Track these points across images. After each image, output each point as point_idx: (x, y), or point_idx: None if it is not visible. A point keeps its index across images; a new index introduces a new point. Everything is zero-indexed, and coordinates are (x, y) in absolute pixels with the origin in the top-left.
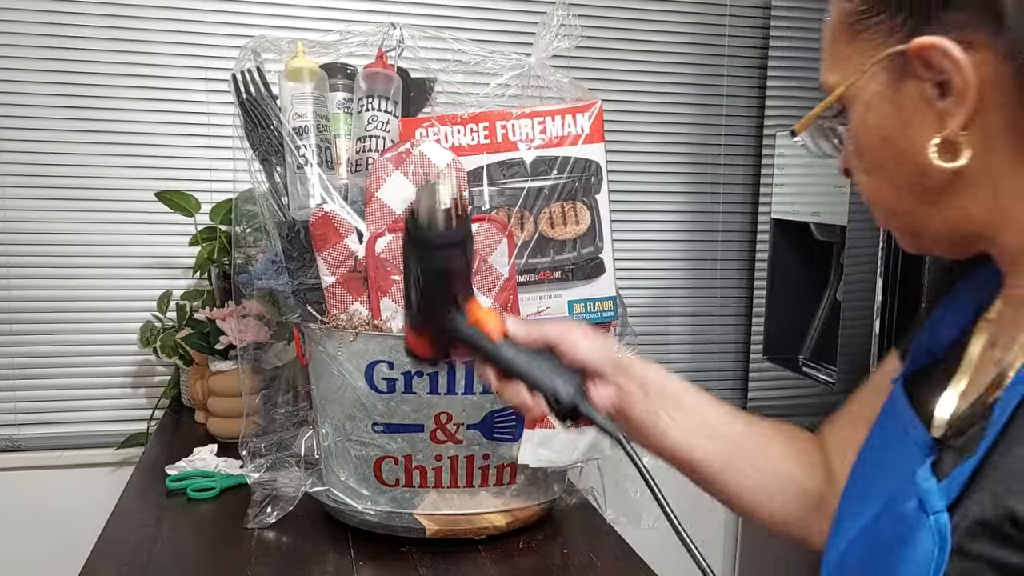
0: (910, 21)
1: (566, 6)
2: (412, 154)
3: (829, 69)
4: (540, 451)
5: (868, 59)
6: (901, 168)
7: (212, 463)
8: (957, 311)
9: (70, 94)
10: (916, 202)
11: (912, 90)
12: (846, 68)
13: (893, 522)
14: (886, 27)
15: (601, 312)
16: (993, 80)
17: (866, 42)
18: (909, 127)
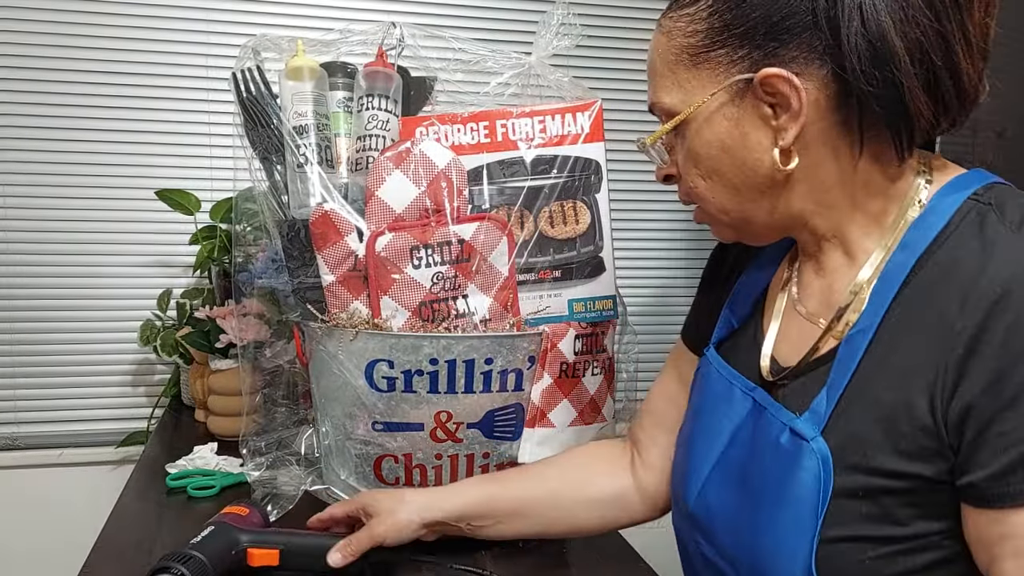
0: (752, 54)
1: (566, 5)
2: (412, 153)
3: (664, 92)
4: (540, 450)
5: (711, 84)
6: (738, 172)
7: (212, 461)
8: (745, 292)
9: (70, 92)
10: (749, 199)
11: (750, 110)
12: (685, 91)
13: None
14: (727, 59)
15: (601, 311)
16: (816, 102)
17: (707, 71)
18: (747, 139)
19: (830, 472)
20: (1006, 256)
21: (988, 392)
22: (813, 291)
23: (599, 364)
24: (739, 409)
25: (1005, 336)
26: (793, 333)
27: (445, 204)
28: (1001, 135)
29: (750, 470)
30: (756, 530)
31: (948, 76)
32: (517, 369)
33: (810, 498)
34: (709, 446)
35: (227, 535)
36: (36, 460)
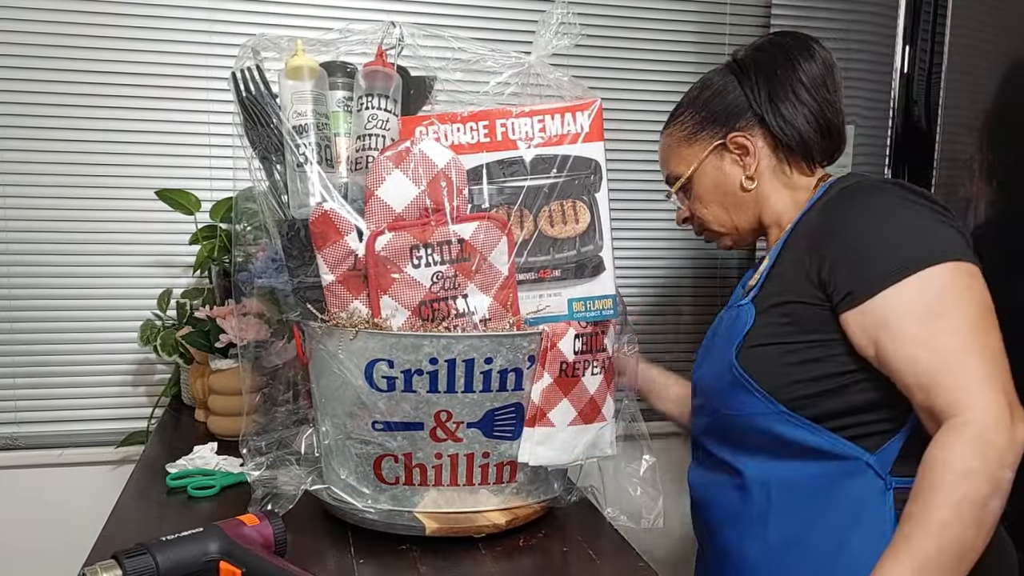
0: (722, 129)
1: (566, 4)
2: (412, 152)
3: (675, 165)
4: (540, 449)
5: (701, 152)
6: (725, 198)
7: (212, 461)
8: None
9: (70, 92)
10: (736, 213)
11: (726, 159)
12: (687, 161)
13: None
14: (707, 136)
15: (601, 310)
16: (762, 148)
17: (698, 145)
18: (728, 177)
19: (752, 315)
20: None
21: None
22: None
23: (599, 363)
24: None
25: (831, 221)
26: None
27: (445, 203)
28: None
29: (713, 343)
30: (709, 366)
31: (826, 127)
32: (517, 368)
33: (740, 330)
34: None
35: (205, 541)
36: (36, 460)
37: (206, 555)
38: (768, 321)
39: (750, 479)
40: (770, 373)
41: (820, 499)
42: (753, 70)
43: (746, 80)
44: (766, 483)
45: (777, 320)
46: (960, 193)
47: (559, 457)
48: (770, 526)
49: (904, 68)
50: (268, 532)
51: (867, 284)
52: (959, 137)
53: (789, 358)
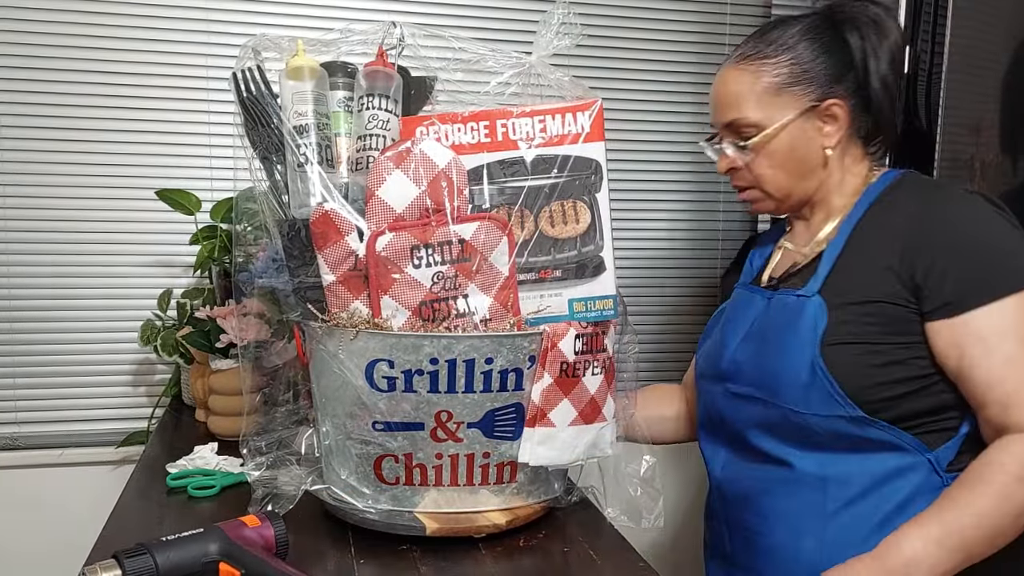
0: (819, 90)
1: (567, 4)
2: (412, 152)
3: (751, 111)
4: (540, 449)
5: (789, 109)
6: (799, 164)
7: (212, 461)
8: (759, 256)
9: (70, 92)
10: (799, 181)
11: (812, 123)
12: (768, 111)
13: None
14: (802, 91)
15: (601, 311)
16: (845, 119)
17: (787, 98)
18: (809, 143)
19: (824, 311)
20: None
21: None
22: (801, 238)
23: (599, 364)
24: (758, 306)
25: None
26: (786, 262)
27: (445, 204)
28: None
29: (767, 331)
30: (772, 357)
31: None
32: (517, 368)
33: (810, 327)
34: (736, 329)
35: (205, 542)
36: (36, 460)
37: (206, 556)
38: (846, 318)
39: (803, 472)
40: (853, 375)
41: (877, 494)
42: (874, 33)
43: (860, 42)
44: (823, 478)
45: (859, 319)
46: None
47: (559, 457)
48: (828, 523)
49: (904, 68)
50: (269, 534)
51: (968, 297)
52: (959, 137)
53: (873, 359)
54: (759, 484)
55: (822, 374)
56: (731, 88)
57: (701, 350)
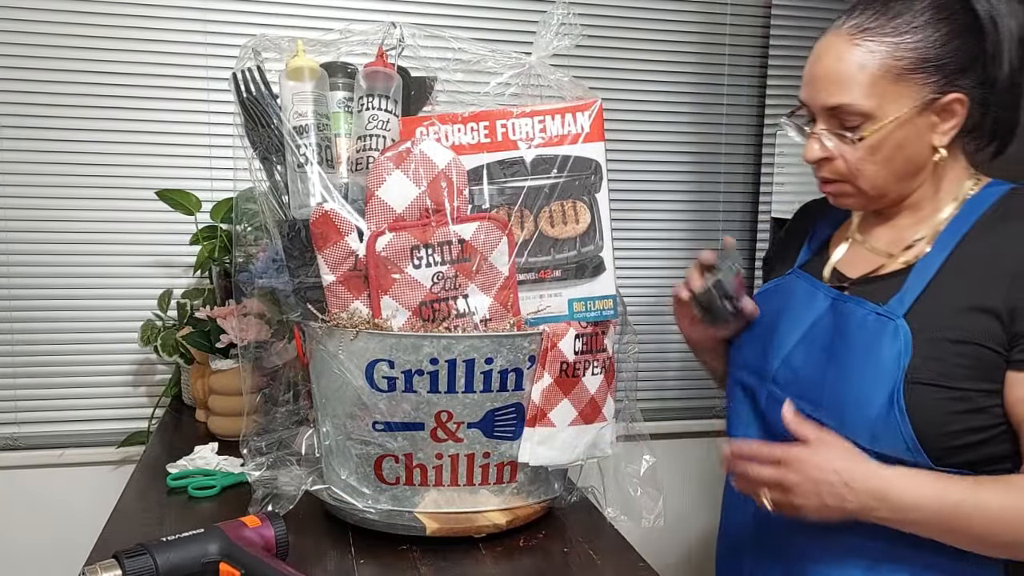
0: (940, 81)
1: (566, 5)
2: (412, 153)
3: (862, 96)
4: (540, 449)
5: (906, 100)
6: (905, 163)
7: (213, 461)
8: (818, 236)
9: (70, 93)
10: (901, 181)
11: (926, 119)
12: (882, 100)
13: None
14: (922, 82)
15: (601, 311)
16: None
17: (905, 87)
18: (919, 140)
19: (910, 340)
20: None
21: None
22: (880, 238)
23: (599, 364)
24: (819, 305)
25: None
26: (857, 259)
27: (445, 204)
28: None
29: (835, 343)
30: (845, 381)
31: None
32: (517, 368)
33: (893, 356)
34: (792, 329)
35: (205, 542)
36: (37, 460)
37: (206, 556)
38: (936, 355)
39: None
40: (931, 420)
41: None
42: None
43: (993, 27)
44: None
45: (950, 359)
46: None
47: (560, 457)
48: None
49: None
50: (269, 534)
51: None
52: None
53: (954, 405)
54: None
55: (899, 414)
56: (842, 66)
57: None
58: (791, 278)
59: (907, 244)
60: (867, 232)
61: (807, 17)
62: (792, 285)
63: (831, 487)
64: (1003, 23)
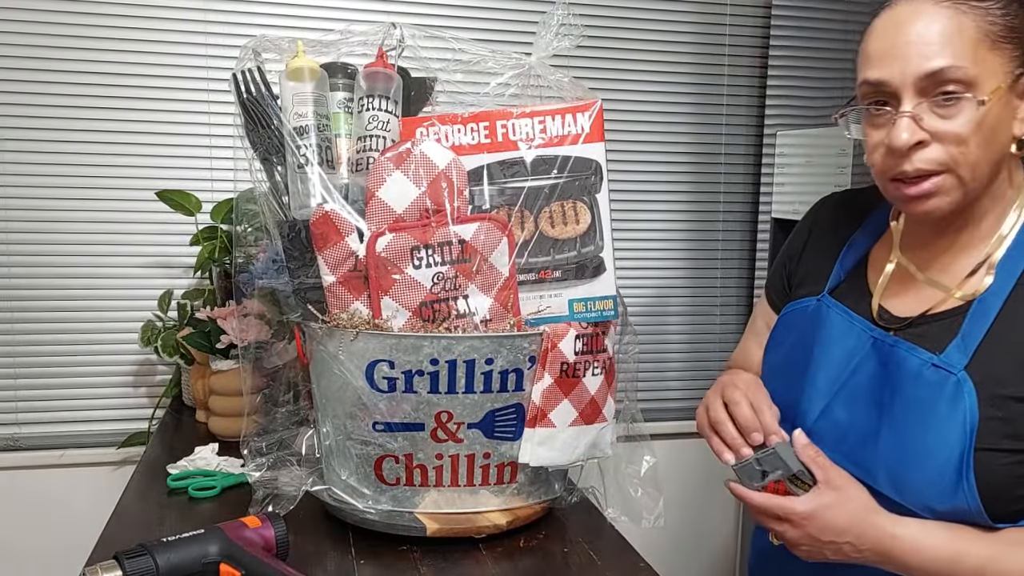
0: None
1: (566, 5)
2: (412, 153)
3: (967, 61)
4: (541, 450)
5: (1001, 71)
6: (998, 148)
7: (213, 462)
8: (852, 253)
9: (71, 93)
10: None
11: (1012, 102)
12: (983, 68)
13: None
14: (1011, 54)
15: (601, 311)
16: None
17: (999, 57)
18: (1009, 124)
19: (975, 401)
20: None
21: None
22: (931, 262)
23: (599, 364)
24: (860, 345)
25: None
26: (905, 292)
27: (445, 204)
28: None
29: (884, 397)
30: (904, 446)
31: None
32: (517, 369)
33: (958, 420)
34: (829, 372)
35: (205, 543)
36: (37, 461)
37: (206, 557)
38: (1004, 415)
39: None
40: (999, 488)
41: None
42: None
43: None
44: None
45: (1019, 418)
46: None
47: (560, 458)
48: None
49: None
50: (270, 535)
51: None
52: None
53: (1020, 469)
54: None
55: (967, 485)
56: (938, 27)
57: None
58: (824, 305)
59: (963, 270)
60: (913, 251)
61: (807, 17)
62: (825, 314)
63: (835, 546)
64: None
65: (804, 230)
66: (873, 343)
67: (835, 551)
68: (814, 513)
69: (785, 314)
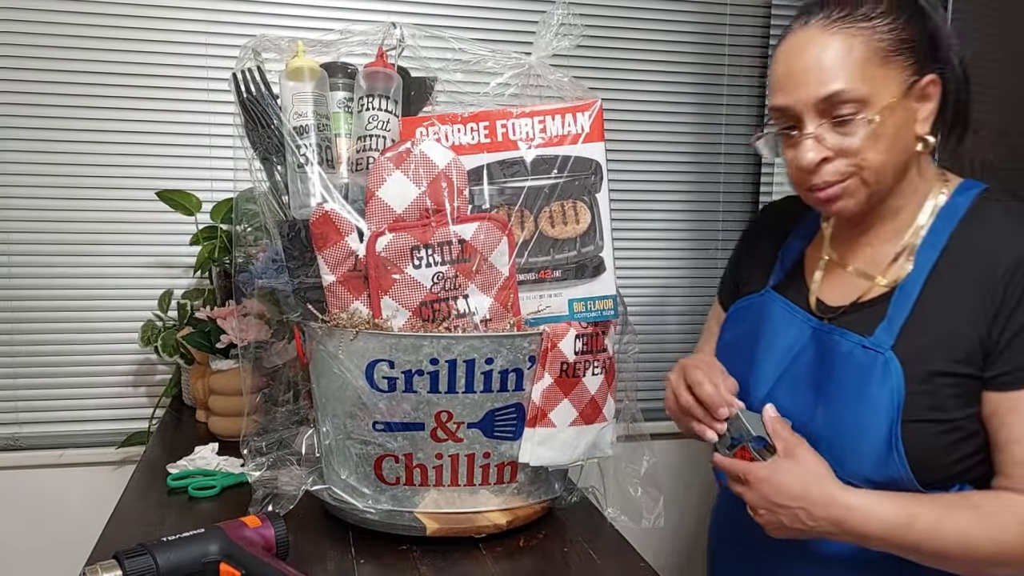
0: (917, 63)
1: (566, 5)
2: (412, 153)
3: (857, 81)
4: (540, 450)
5: (894, 84)
6: (901, 151)
7: (213, 462)
8: (791, 253)
9: (71, 93)
10: (897, 172)
11: (910, 104)
12: (874, 85)
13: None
14: (903, 64)
15: (601, 311)
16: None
17: (892, 71)
18: (908, 126)
19: (902, 377)
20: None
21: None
22: (857, 252)
23: (599, 364)
24: (800, 334)
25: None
26: (838, 284)
27: (445, 204)
28: (1001, 135)
29: (821, 379)
30: (838, 421)
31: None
32: (517, 369)
33: (886, 395)
34: (772, 359)
35: (206, 542)
36: (37, 460)
37: (206, 556)
38: (927, 389)
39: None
40: (928, 456)
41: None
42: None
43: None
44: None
45: (941, 391)
46: None
47: (560, 457)
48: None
49: None
50: (270, 534)
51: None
52: None
53: (950, 436)
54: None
55: (897, 455)
56: (829, 53)
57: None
58: (767, 299)
59: (886, 259)
60: (842, 248)
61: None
62: (768, 308)
63: (789, 511)
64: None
65: (748, 236)
66: (812, 332)
67: (790, 518)
68: (768, 477)
69: (734, 310)
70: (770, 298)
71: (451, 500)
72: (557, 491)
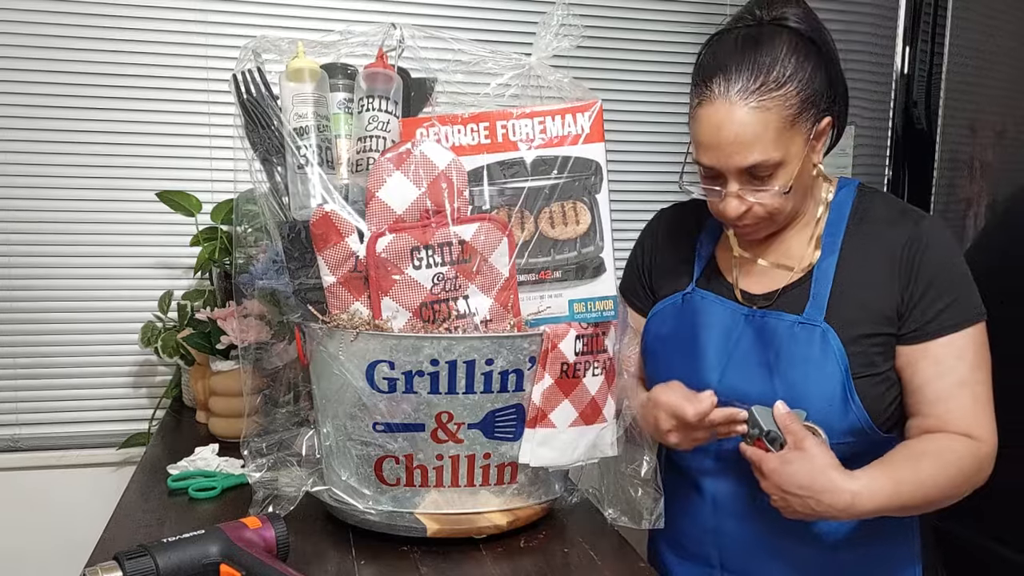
0: (816, 112)
1: (566, 6)
2: (413, 154)
3: (774, 150)
4: (541, 450)
5: (800, 138)
6: (805, 188)
7: (213, 463)
8: (703, 253)
9: (71, 94)
10: (801, 200)
11: (810, 146)
12: (787, 146)
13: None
14: (806, 118)
15: (602, 311)
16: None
17: (798, 129)
18: (808, 165)
19: (839, 341)
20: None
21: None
22: (767, 249)
23: (600, 364)
24: (735, 321)
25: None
26: (757, 276)
27: (445, 205)
28: (1001, 135)
29: (768, 357)
30: (797, 390)
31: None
32: (518, 369)
33: (832, 358)
34: (716, 348)
35: (206, 543)
36: (38, 462)
37: (207, 557)
38: (860, 350)
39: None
40: (876, 405)
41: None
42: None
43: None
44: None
45: (870, 350)
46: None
47: (560, 458)
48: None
49: (904, 69)
50: (270, 535)
51: (941, 326)
52: (959, 137)
53: (884, 386)
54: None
55: (856, 408)
56: (748, 129)
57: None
58: (696, 296)
59: (798, 249)
60: (752, 246)
61: None
62: (698, 304)
63: (800, 500)
64: (831, 43)
65: (649, 241)
66: (745, 319)
67: (801, 505)
68: (778, 468)
69: (656, 312)
70: (699, 295)
71: (451, 501)
72: (557, 492)
